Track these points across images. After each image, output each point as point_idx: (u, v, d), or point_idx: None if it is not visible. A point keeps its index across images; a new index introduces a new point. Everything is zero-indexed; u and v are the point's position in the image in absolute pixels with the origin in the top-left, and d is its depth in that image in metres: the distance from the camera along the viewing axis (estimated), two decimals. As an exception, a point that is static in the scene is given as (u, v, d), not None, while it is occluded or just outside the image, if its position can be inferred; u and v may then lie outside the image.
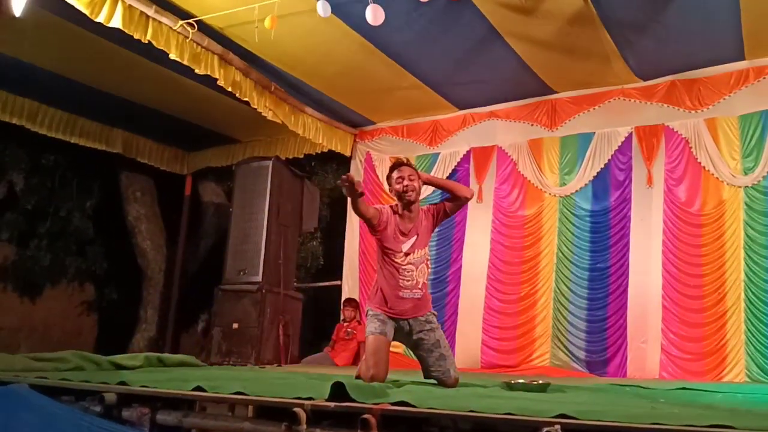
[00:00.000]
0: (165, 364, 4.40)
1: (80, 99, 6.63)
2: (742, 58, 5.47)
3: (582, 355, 5.86)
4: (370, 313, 3.56)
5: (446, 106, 6.74)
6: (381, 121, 7.31)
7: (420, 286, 3.53)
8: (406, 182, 3.53)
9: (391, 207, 3.62)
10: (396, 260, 3.50)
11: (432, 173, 6.92)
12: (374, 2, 4.27)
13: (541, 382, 3.28)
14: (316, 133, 6.80)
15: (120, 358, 4.06)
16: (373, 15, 4.23)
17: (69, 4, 4.27)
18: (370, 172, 7.38)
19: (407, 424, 1.98)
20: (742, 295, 5.33)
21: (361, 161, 7.45)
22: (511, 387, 3.20)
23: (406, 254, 3.50)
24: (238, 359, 6.35)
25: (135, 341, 7.99)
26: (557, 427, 1.66)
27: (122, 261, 8.19)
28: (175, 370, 4.04)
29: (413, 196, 3.54)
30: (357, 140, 7.46)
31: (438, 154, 6.97)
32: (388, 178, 3.65)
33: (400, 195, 3.55)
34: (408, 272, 3.50)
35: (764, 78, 5.44)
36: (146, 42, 4.72)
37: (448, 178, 6.86)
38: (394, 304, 3.49)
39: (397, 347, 6.82)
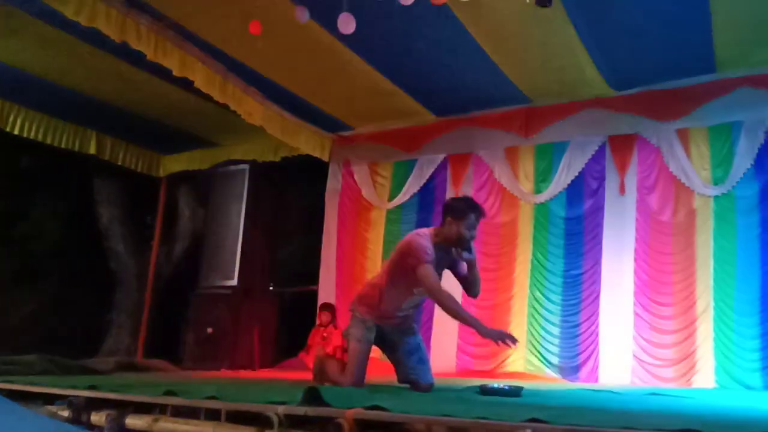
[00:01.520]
0: (136, 369, 4.34)
1: (54, 100, 6.52)
2: (714, 71, 5.59)
3: (555, 360, 5.92)
4: (357, 316, 3.54)
5: (423, 112, 6.78)
6: (359, 127, 7.32)
7: (417, 305, 3.63)
8: (474, 234, 3.33)
9: (433, 243, 3.35)
10: (414, 290, 3.45)
11: (409, 179, 6.97)
12: (348, 10, 4.29)
13: (514, 386, 3.31)
14: (293, 138, 6.77)
15: (90, 363, 4.00)
16: (344, 24, 4.26)
17: (44, 3, 4.22)
18: (348, 178, 7.38)
19: (381, 428, 1.97)
20: (712, 303, 5.43)
21: (339, 166, 7.45)
22: (485, 392, 3.21)
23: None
24: (212, 364, 6.29)
25: (107, 346, 7.87)
26: (529, 430, 1.67)
27: (95, 265, 8.07)
28: (146, 375, 3.99)
29: (468, 245, 3.36)
30: (335, 145, 7.45)
31: (415, 160, 7.00)
32: (463, 214, 3.30)
33: (461, 240, 3.32)
34: (415, 301, 3.55)
35: (734, 90, 5.56)
36: (120, 42, 4.67)
37: (425, 185, 6.90)
38: (387, 318, 3.52)
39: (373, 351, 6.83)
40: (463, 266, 3.51)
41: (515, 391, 3.21)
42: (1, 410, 1.72)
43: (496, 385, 3.32)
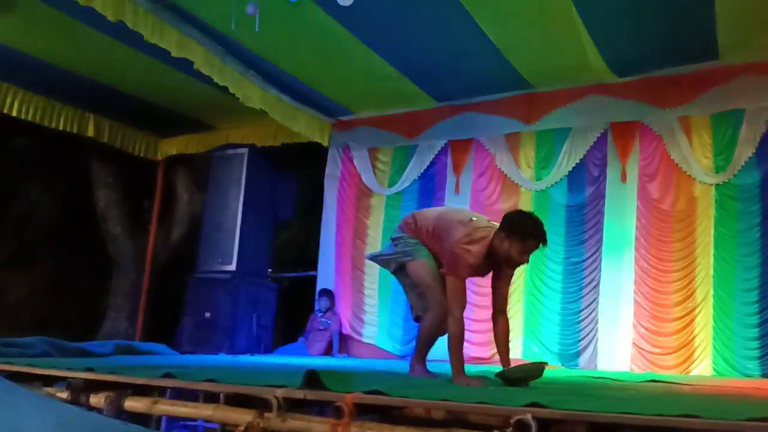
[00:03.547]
0: (135, 352, 4.34)
1: (52, 82, 6.47)
2: (716, 58, 5.55)
3: (554, 347, 5.93)
4: (412, 241, 3.35)
5: (424, 97, 6.73)
6: (359, 112, 7.27)
7: None
8: (526, 260, 3.10)
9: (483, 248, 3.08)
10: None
11: (409, 165, 6.94)
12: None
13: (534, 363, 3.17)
14: (293, 122, 6.72)
15: (89, 345, 3.99)
16: None
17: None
18: (348, 163, 7.35)
19: (380, 412, 1.97)
20: (711, 291, 5.43)
21: (338, 151, 7.41)
22: (511, 382, 2.87)
23: None
24: (210, 348, 6.30)
25: (104, 329, 7.88)
26: (529, 415, 1.67)
27: (92, 247, 8.05)
28: (145, 358, 3.99)
29: (516, 266, 3.20)
30: (335, 130, 7.41)
31: (416, 146, 6.96)
32: (522, 237, 3.00)
33: (510, 261, 3.09)
34: None
35: (737, 78, 5.53)
36: (116, 22, 4.61)
37: (425, 171, 6.87)
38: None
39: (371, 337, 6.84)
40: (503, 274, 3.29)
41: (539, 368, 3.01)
42: (1, 391, 1.71)
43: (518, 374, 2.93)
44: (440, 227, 3.26)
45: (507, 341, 3.31)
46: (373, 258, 3.68)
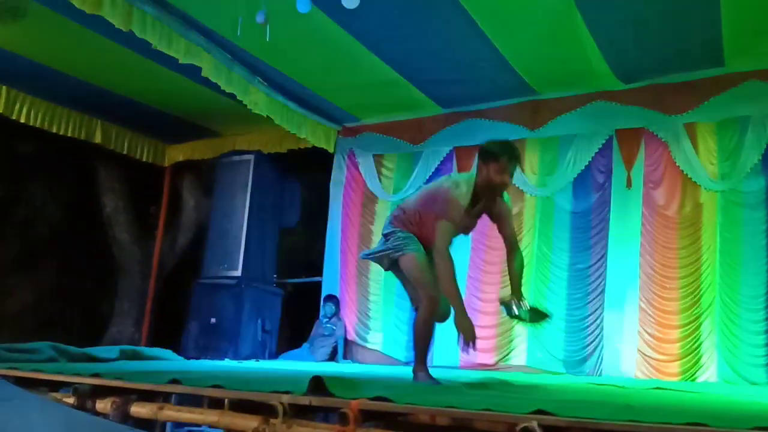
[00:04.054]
0: (141, 358, 4.35)
1: (59, 88, 6.52)
2: (722, 65, 5.55)
3: (560, 354, 5.91)
4: (402, 235, 3.33)
5: (430, 104, 6.74)
6: (364, 118, 7.29)
7: None
8: (508, 180, 3.13)
9: (472, 192, 3.15)
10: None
11: (415, 171, 6.94)
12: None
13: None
14: (299, 128, 6.75)
15: (95, 351, 4.00)
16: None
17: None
18: (353, 169, 7.37)
19: (385, 418, 1.97)
20: (717, 298, 5.41)
21: (344, 158, 7.43)
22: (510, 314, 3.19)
23: (458, 227, 3.27)
24: (216, 354, 6.31)
25: (110, 334, 7.90)
26: (535, 422, 1.67)
27: (98, 253, 8.08)
28: (150, 363, 4.00)
29: (502, 190, 3.21)
30: (340, 136, 7.43)
31: (421, 152, 6.97)
32: (492, 158, 3.09)
33: (494, 187, 3.14)
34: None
35: (742, 85, 5.52)
36: (127, 31, 4.66)
37: (430, 178, 6.87)
38: (423, 242, 3.33)
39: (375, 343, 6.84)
40: (501, 231, 3.37)
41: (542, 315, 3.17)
42: (9, 396, 1.72)
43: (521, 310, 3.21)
44: (425, 201, 3.30)
45: (517, 272, 3.37)
46: (367, 256, 3.64)
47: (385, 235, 3.44)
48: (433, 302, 3.20)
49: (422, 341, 3.32)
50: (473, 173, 3.22)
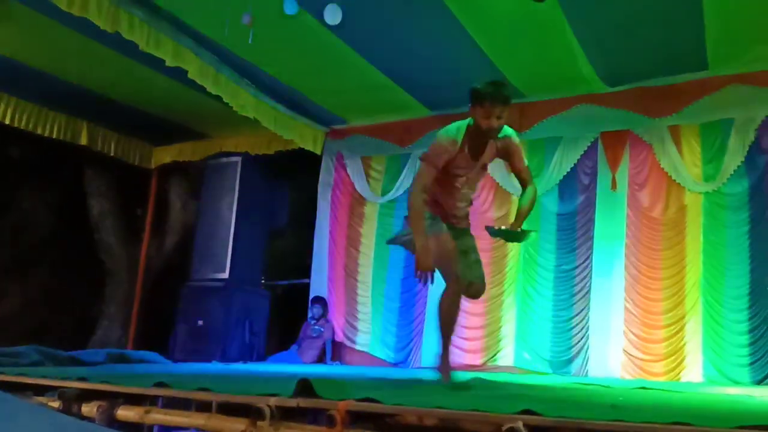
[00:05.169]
0: (127, 361, 4.33)
1: (45, 90, 6.47)
2: (706, 68, 5.62)
3: (546, 354, 5.95)
4: (426, 214, 3.25)
5: (417, 106, 6.76)
6: (352, 120, 7.30)
7: (471, 201, 3.43)
8: (494, 123, 3.05)
9: (466, 131, 3.13)
10: (456, 183, 3.24)
11: (403, 174, 6.95)
12: (342, 3, 4.27)
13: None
14: (286, 130, 6.74)
15: (81, 354, 3.98)
16: (331, 15, 4.24)
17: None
18: (341, 171, 7.37)
19: (373, 419, 1.98)
20: (701, 299, 5.48)
21: (332, 160, 7.43)
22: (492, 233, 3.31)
23: (468, 178, 3.27)
24: (203, 356, 6.28)
25: (97, 337, 7.84)
26: (520, 423, 1.68)
27: (85, 256, 8.02)
28: (137, 367, 3.98)
29: (493, 135, 3.14)
30: (328, 138, 7.43)
31: (409, 154, 6.98)
32: (480, 100, 3.02)
33: (482, 130, 3.09)
34: (468, 195, 3.36)
35: (725, 88, 5.59)
36: (112, 33, 4.64)
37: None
38: (451, 215, 3.33)
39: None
40: (517, 171, 3.39)
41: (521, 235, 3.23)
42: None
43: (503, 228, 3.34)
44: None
45: (524, 206, 3.37)
46: (393, 242, 3.62)
47: (406, 218, 3.38)
48: (457, 283, 3.16)
49: (447, 324, 3.23)
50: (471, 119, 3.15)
